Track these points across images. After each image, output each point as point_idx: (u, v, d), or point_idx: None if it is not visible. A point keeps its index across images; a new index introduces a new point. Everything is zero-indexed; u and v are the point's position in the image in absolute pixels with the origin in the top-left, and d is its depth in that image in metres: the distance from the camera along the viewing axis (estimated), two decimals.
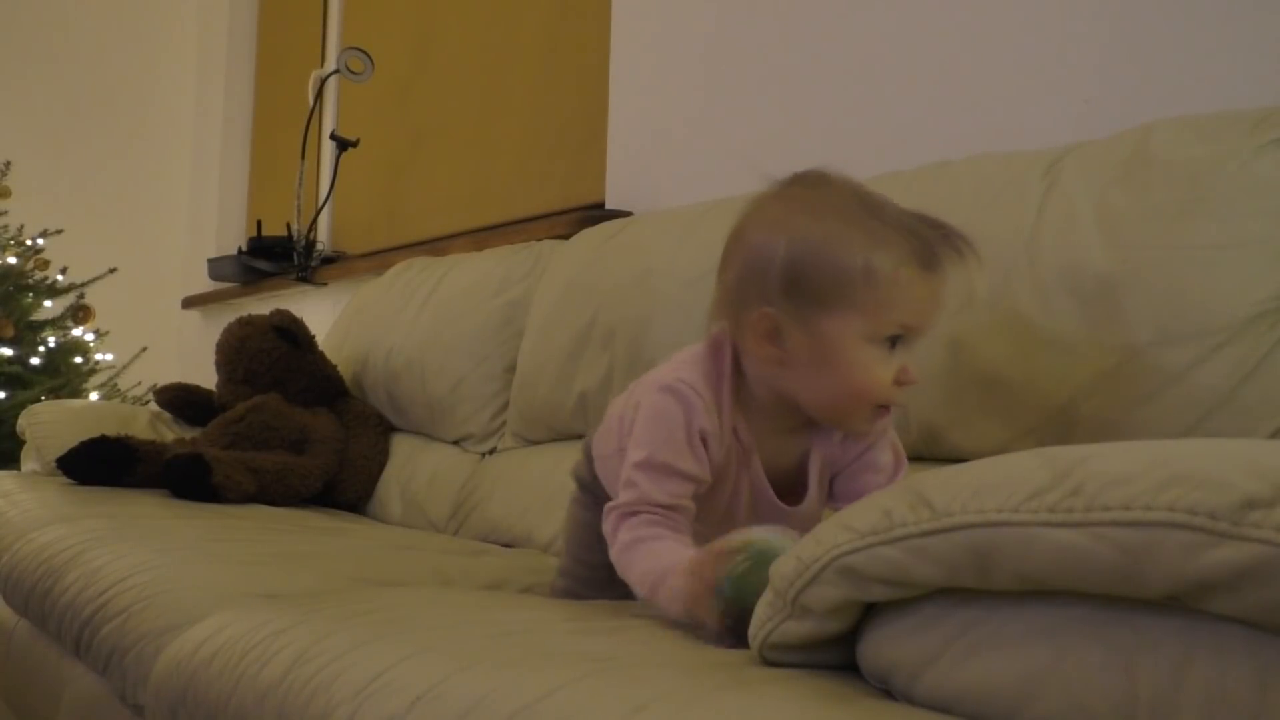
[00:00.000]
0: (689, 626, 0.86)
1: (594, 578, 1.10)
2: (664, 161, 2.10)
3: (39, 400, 2.97)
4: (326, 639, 0.84)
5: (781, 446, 1.02)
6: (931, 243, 0.92)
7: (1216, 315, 1.04)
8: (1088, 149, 1.21)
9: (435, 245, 2.62)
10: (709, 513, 1.00)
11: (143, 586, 1.19)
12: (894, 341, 0.93)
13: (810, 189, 0.97)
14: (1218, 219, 1.06)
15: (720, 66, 1.99)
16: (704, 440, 0.96)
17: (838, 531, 0.63)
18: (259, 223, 3.33)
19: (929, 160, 1.40)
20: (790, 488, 1.02)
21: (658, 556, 0.89)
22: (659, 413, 0.97)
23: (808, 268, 0.92)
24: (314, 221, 3.14)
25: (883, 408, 0.96)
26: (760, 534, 0.80)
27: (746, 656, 0.71)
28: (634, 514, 0.94)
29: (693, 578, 0.82)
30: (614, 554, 0.95)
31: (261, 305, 3.03)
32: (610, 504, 0.97)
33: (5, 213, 3.44)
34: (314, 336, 2.28)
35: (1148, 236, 1.09)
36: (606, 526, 0.96)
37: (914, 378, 0.94)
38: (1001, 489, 0.56)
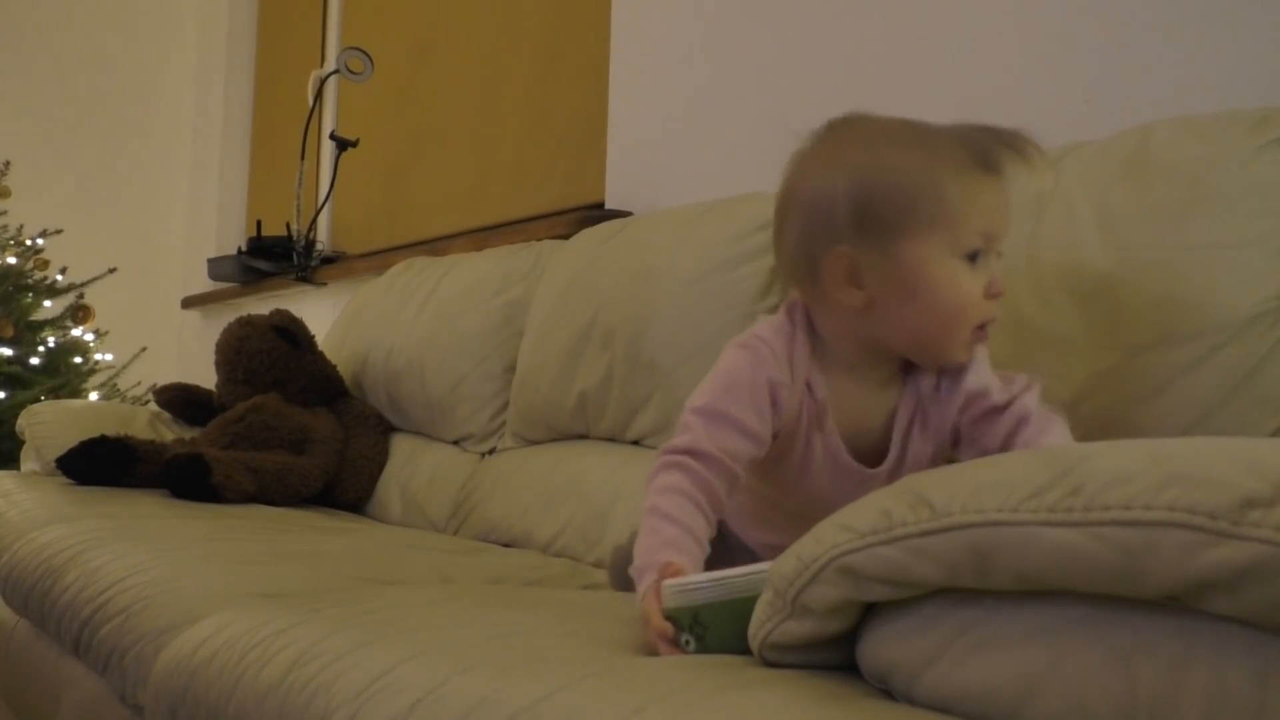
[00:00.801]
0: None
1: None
2: (664, 161, 2.10)
3: (39, 400, 2.97)
4: (326, 640, 0.84)
5: (865, 404, 0.97)
6: (987, 147, 0.90)
7: (1216, 315, 1.04)
8: (1087, 149, 1.21)
9: (435, 245, 2.62)
10: (782, 474, 0.97)
11: (142, 586, 1.19)
12: (974, 257, 0.90)
13: (850, 128, 0.95)
14: (1217, 219, 1.06)
15: (720, 66, 1.99)
16: (774, 392, 0.93)
17: (837, 531, 0.63)
18: (258, 223, 3.33)
19: None
20: (874, 449, 0.97)
21: (653, 547, 0.85)
22: (728, 364, 0.94)
23: (875, 198, 0.89)
24: (314, 221, 3.14)
25: (980, 328, 0.93)
26: (701, 593, 0.75)
27: (746, 658, 0.71)
28: (674, 466, 0.90)
29: (645, 625, 0.79)
30: (654, 485, 0.90)
31: (261, 305, 3.03)
32: (665, 445, 0.92)
33: (5, 212, 3.44)
34: (314, 336, 2.28)
35: (1147, 236, 1.09)
36: (652, 469, 0.92)
37: (1002, 288, 0.92)
38: (1001, 489, 0.56)
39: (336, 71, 2.95)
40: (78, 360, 3.42)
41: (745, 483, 0.96)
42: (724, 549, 0.94)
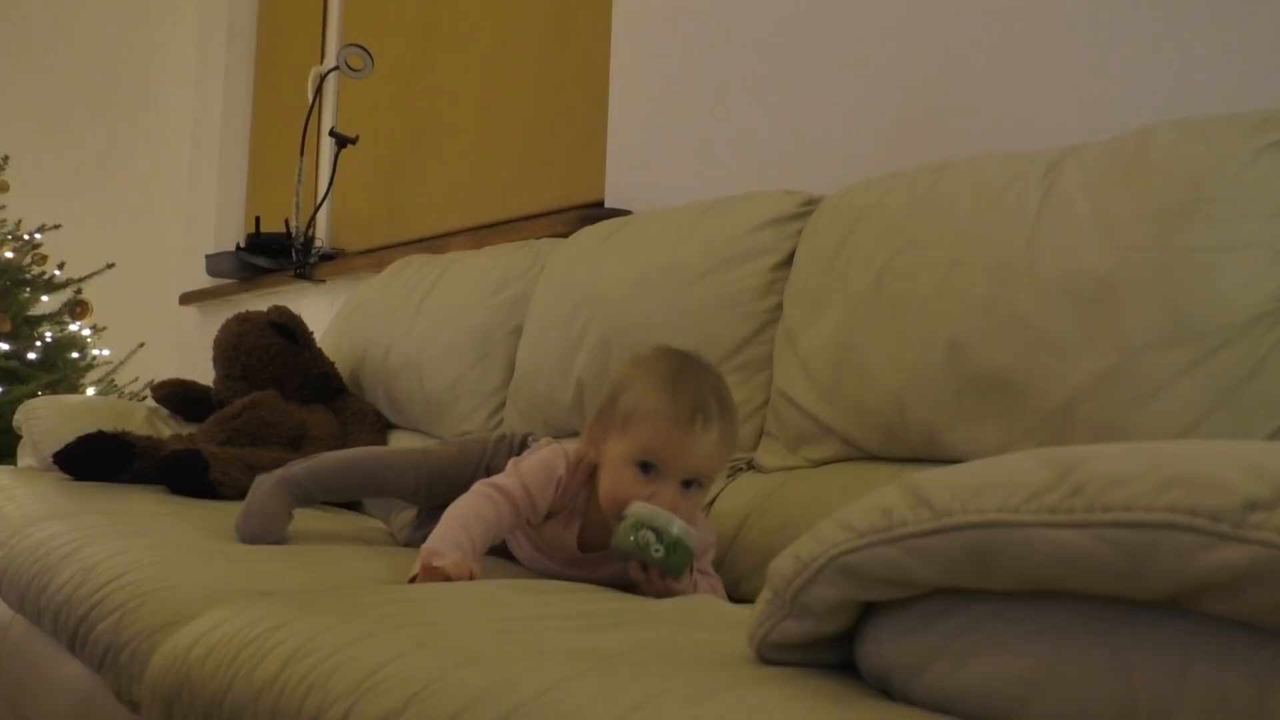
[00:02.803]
0: (682, 625, 0.88)
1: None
2: (664, 161, 2.10)
3: (36, 395, 2.96)
4: (322, 635, 0.84)
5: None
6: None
7: (1215, 317, 1.04)
8: (1087, 150, 1.21)
9: (434, 243, 2.62)
10: (539, 533, 1.34)
11: (138, 583, 1.18)
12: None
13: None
14: (1217, 221, 1.06)
15: (720, 66, 1.99)
16: (559, 484, 1.30)
17: (837, 530, 0.63)
18: (257, 219, 3.33)
19: (929, 160, 1.40)
20: (600, 546, 1.31)
21: (447, 541, 1.20)
22: (546, 460, 1.33)
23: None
24: (312, 218, 3.14)
25: None
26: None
27: (745, 655, 0.71)
28: (494, 493, 1.27)
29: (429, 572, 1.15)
30: (464, 497, 1.28)
31: (259, 302, 3.03)
32: (492, 479, 1.31)
33: (3, 207, 3.44)
34: (312, 333, 2.27)
35: (1147, 238, 1.09)
36: (477, 483, 1.30)
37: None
38: (1002, 489, 0.56)
39: (336, 68, 2.94)
40: (75, 355, 3.42)
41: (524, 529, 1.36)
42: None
